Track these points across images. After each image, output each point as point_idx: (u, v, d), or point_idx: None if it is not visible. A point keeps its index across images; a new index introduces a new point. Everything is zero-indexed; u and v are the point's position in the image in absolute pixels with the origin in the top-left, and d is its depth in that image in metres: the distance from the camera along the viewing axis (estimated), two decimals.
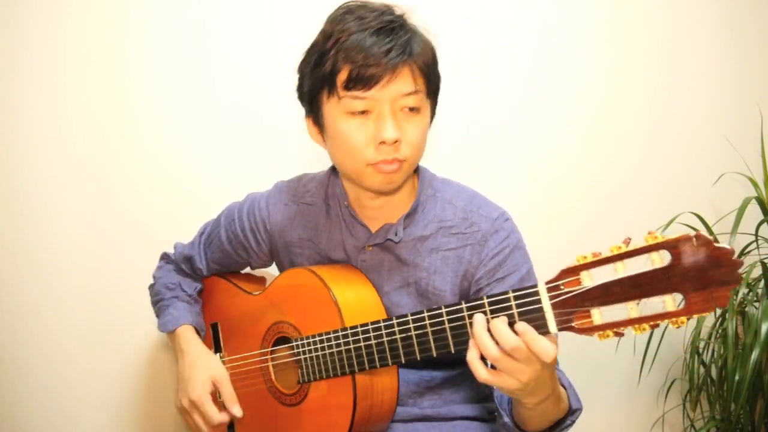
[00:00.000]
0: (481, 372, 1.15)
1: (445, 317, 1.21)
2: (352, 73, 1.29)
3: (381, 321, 1.30)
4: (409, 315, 1.26)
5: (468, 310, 1.19)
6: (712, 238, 1.00)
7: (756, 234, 2.10)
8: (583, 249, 2.24)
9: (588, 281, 1.05)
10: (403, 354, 1.28)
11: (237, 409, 1.49)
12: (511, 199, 1.55)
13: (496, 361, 1.13)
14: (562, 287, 1.08)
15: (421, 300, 1.45)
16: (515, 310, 1.13)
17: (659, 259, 1.00)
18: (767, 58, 2.29)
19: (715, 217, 2.25)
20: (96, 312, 2.15)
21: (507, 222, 1.44)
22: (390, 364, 1.30)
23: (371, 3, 1.35)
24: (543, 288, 1.10)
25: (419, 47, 1.33)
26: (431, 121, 1.43)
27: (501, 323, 1.12)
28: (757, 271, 2.03)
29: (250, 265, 1.66)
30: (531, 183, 2.26)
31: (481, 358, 1.16)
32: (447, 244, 1.43)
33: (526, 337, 1.10)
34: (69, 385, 2.16)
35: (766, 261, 2.02)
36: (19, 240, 2.14)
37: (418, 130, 1.35)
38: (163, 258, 1.76)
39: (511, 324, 1.12)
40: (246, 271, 1.75)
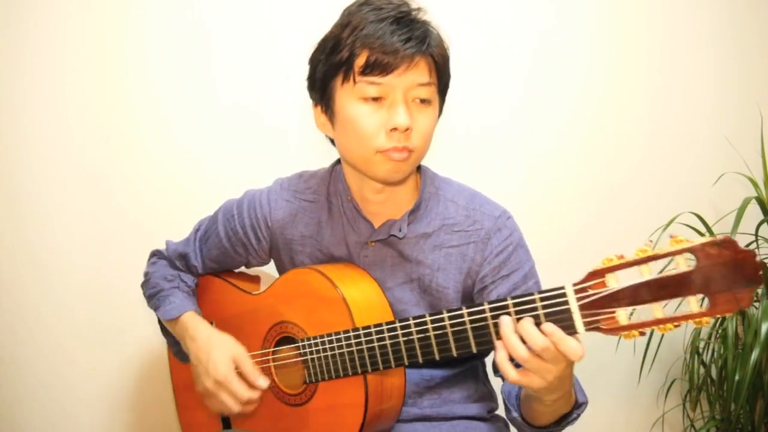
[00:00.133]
0: (511, 373, 1.17)
1: (467, 318, 1.23)
2: (370, 59, 1.31)
3: (397, 321, 1.31)
4: (428, 315, 1.27)
5: (491, 311, 1.21)
6: (734, 239, 1.03)
7: (756, 234, 2.10)
8: (583, 249, 2.27)
9: (614, 283, 1.08)
10: (421, 354, 1.29)
11: (263, 381, 1.45)
12: (511, 199, 1.55)
13: (525, 362, 1.16)
14: (588, 289, 1.10)
15: (424, 296, 1.45)
16: (541, 311, 1.15)
17: (684, 262, 1.04)
18: (767, 58, 2.30)
19: (715, 217, 2.25)
20: (96, 312, 2.16)
21: (509, 220, 1.46)
22: (406, 364, 1.31)
23: None
24: (570, 289, 1.13)
25: (435, 41, 1.36)
26: (438, 118, 1.44)
27: (530, 324, 1.15)
28: None
29: (247, 263, 1.64)
30: (531, 183, 2.26)
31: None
32: (450, 241, 1.44)
33: (554, 338, 1.13)
34: (69, 385, 2.16)
35: (766, 261, 2.02)
36: (19, 240, 2.14)
37: (428, 121, 1.37)
38: (155, 255, 1.72)
39: (537, 325, 1.15)
40: (239, 270, 1.72)
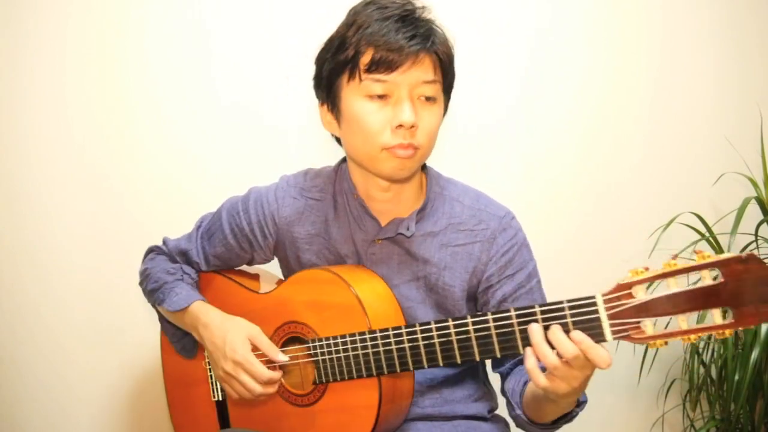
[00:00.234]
0: (541, 379, 1.21)
1: (492, 323, 1.25)
2: (375, 56, 1.32)
3: (417, 325, 1.32)
4: (450, 320, 1.29)
5: (518, 317, 1.23)
6: (758, 256, 1.07)
7: (756, 234, 2.10)
8: (582, 249, 2.27)
9: (642, 294, 1.13)
10: (442, 358, 1.31)
11: (282, 356, 1.44)
12: (509, 199, 1.55)
13: (554, 369, 1.19)
14: (617, 299, 1.15)
15: (430, 294, 1.47)
16: (569, 319, 1.18)
17: (708, 276, 1.09)
18: (767, 58, 2.29)
19: (715, 217, 2.24)
20: (96, 312, 2.16)
21: (513, 220, 1.48)
22: (426, 367, 1.33)
23: None
24: (600, 299, 1.16)
25: (440, 39, 1.37)
26: (443, 117, 1.44)
27: (560, 332, 1.18)
28: None
29: (251, 261, 1.63)
30: (529, 182, 2.26)
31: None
32: (456, 240, 1.46)
33: (582, 346, 1.17)
34: (69, 385, 2.16)
35: (766, 261, 2.02)
36: (19, 240, 2.14)
37: (433, 119, 1.38)
38: (153, 250, 1.71)
39: (565, 333, 1.18)
40: (238, 268, 1.70)
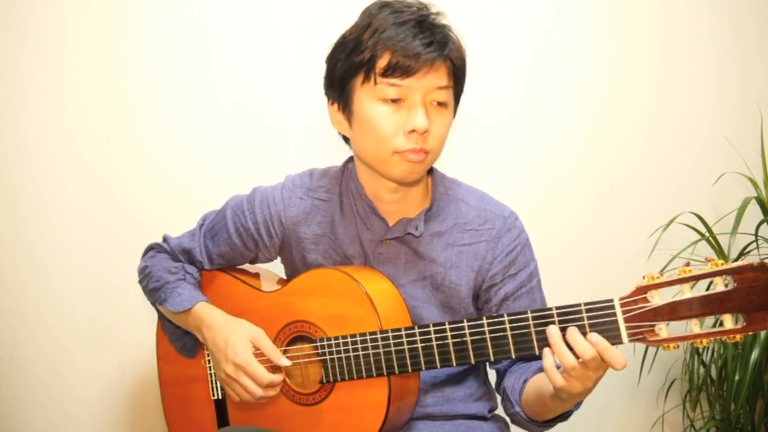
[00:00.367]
0: (558, 378, 1.23)
1: (508, 324, 1.27)
2: (391, 61, 1.33)
3: (431, 325, 1.33)
4: (465, 321, 1.31)
5: (534, 319, 1.25)
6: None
7: (756, 234, 2.10)
8: (583, 249, 2.27)
9: (657, 299, 1.17)
10: (456, 359, 1.32)
11: (284, 360, 1.44)
12: (511, 199, 1.55)
13: (572, 369, 1.21)
14: (634, 303, 1.18)
15: (435, 294, 1.48)
16: (586, 321, 1.21)
17: (721, 282, 1.13)
18: (767, 58, 2.30)
19: (715, 217, 2.25)
20: (96, 312, 2.16)
21: (517, 221, 1.50)
22: (439, 367, 1.34)
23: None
24: (617, 302, 1.19)
25: (455, 46, 1.38)
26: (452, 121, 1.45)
27: (578, 334, 1.21)
28: None
29: (255, 260, 1.63)
30: (531, 183, 2.26)
31: None
32: (462, 239, 1.47)
33: (599, 347, 1.19)
34: (69, 385, 2.16)
35: (766, 261, 2.02)
36: (20, 240, 2.14)
37: (444, 124, 1.40)
38: (153, 248, 1.69)
39: (582, 334, 1.21)
40: (240, 267, 1.69)
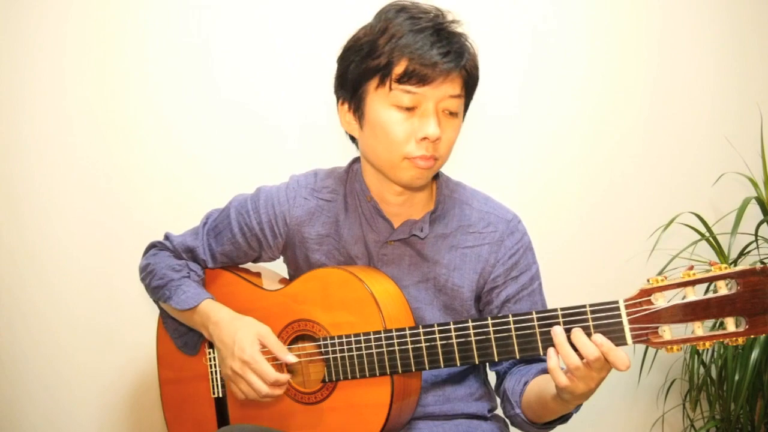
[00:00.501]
0: (562, 379, 1.24)
1: (513, 325, 1.28)
2: (408, 68, 1.34)
3: (435, 325, 1.34)
4: (470, 321, 1.32)
5: (539, 320, 1.26)
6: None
7: (756, 234, 2.10)
8: (583, 249, 2.27)
9: (661, 301, 1.18)
10: (459, 358, 1.33)
11: (291, 357, 1.44)
12: (509, 199, 1.55)
13: (576, 370, 1.22)
14: (638, 305, 1.19)
15: (438, 295, 1.48)
16: (591, 322, 1.22)
17: (724, 286, 1.15)
18: (767, 58, 2.29)
19: (715, 217, 2.25)
20: (96, 312, 2.16)
21: (520, 224, 1.51)
22: (443, 367, 1.35)
23: (421, 4, 1.40)
24: (622, 304, 1.20)
25: (470, 56, 1.40)
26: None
27: (583, 335, 1.22)
28: None
29: (258, 259, 1.63)
30: (529, 183, 2.26)
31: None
32: (465, 242, 1.48)
33: (603, 348, 1.20)
34: (69, 385, 2.16)
35: (766, 261, 2.02)
36: (20, 240, 2.14)
37: (454, 131, 1.41)
38: (155, 246, 1.69)
39: (587, 335, 1.22)
40: (243, 265, 1.69)
